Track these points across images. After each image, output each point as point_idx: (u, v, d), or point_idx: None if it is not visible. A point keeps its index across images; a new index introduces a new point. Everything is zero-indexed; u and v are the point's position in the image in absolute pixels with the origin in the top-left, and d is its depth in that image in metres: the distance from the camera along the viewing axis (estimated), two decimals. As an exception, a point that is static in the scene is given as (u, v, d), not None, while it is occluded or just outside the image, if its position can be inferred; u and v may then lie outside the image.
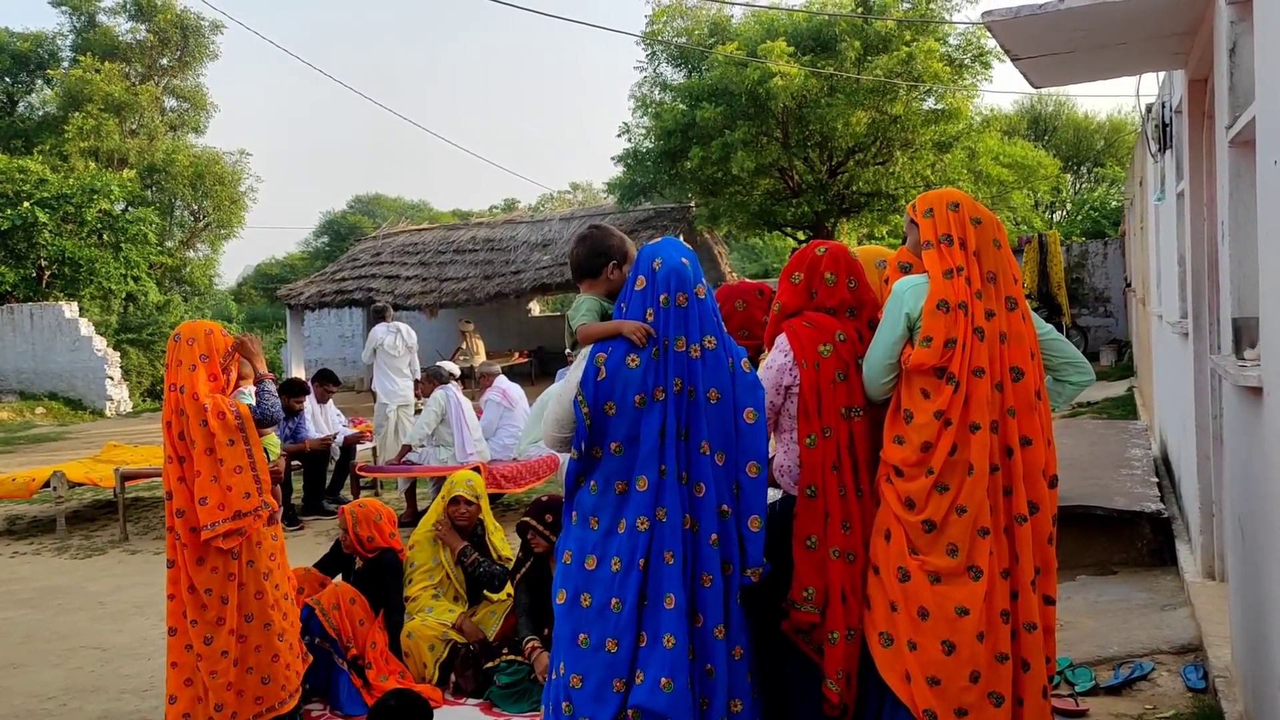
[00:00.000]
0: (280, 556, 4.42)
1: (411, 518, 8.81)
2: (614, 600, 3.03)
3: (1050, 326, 3.40)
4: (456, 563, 5.17)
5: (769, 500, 3.31)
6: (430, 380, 9.16)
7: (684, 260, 3.17)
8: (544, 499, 4.98)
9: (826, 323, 3.29)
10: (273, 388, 4.46)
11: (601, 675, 3.02)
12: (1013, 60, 5.28)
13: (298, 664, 4.40)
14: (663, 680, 2.96)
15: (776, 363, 3.30)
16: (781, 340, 3.32)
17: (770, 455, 3.41)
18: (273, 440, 4.59)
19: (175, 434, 4.17)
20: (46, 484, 9.22)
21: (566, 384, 3.20)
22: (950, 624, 2.99)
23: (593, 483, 3.13)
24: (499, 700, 4.63)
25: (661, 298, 3.11)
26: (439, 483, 9.09)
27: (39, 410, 21.08)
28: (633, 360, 3.07)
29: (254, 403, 4.33)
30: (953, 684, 2.97)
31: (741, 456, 3.08)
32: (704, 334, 3.11)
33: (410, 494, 9.17)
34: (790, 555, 3.21)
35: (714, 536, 3.03)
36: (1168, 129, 6.35)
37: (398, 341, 11.22)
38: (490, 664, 4.81)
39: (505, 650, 4.82)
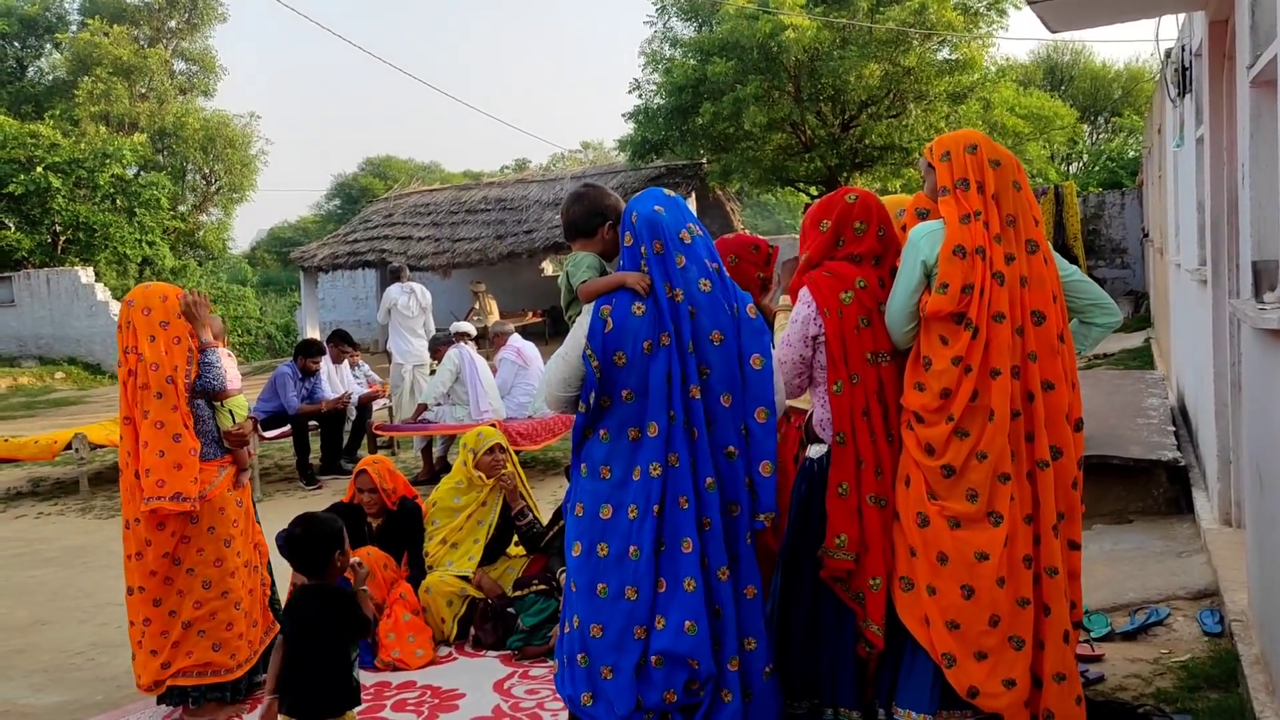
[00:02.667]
0: (244, 523, 4.36)
1: (428, 476, 8.88)
2: (632, 548, 3.06)
3: (1074, 268, 3.33)
4: (514, 522, 5.19)
5: (816, 455, 3.31)
6: (440, 345, 9.21)
7: (657, 208, 3.16)
8: None
9: (846, 271, 3.27)
10: (215, 358, 4.22)
11: (622, 623, 3.06)
12: (1030, 4, 5.21)
13: (253, 634, 4.32)
14: (686, 624, 2.99)
15: (800, 314, 3.28)
16: (803, 292, 3.30)
17: (808, 411, 3.42)
18: (240, 402, 4.48)
19: (130, 396, 4.12)
20: (68, 446, 9.33)
21: (571, 342, 3.20)
22: (969, 569, 2.98)
23: (603, 431, 3.14)
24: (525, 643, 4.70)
25: (642, 248, 3.13)
26: (448, 441, 9.17)
27: (59, 375, 21.25)
28: (638, 309, 3.09)
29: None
30: (972, 628, 2.98)
31: (749, 402, 3.08)
32: (699, 277, 3.10)
33: (426, 453, 9.23)
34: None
35: (709, 480, 3.04)
36: (1187, 73, 6.26)
37: (411, 302, 11.25)
38: (519, 593, 4.86)
39: (536, 581, 4.87)
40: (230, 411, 4.38)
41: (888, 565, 3.16)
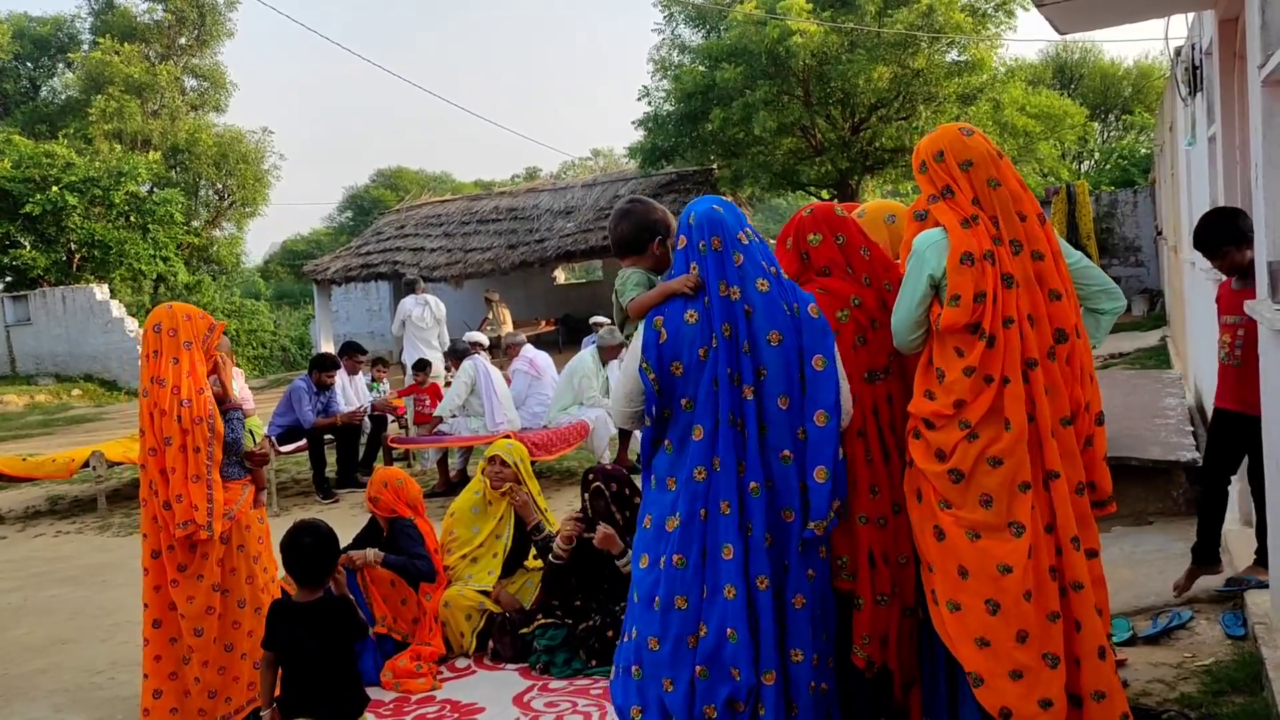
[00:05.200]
0: (266, 540, 4.38)
1: (444, 488, 8.90)
2: (676, 556, 3.02)
3: (1077, 254, 3.22)
4: (530, 536, 5.17)
5: None
6: (456, 357, 9.21)
7: (716, 208, 3.14)
8: (609, 467, 4.93)
9: (839, 288, 3.22)
10: (240, 416, 4.34)
11: (676, 633, 3.01)
12: (1038, 6, 5.20)
13: None
14: (728, 631, 2.95)
15: None
16: None
17: None
18: (254, 423, 4.53)
19: (158, 428, 4.09)
20: (86, 464, 9.38)
21: (630, 357, 3.18)
22: (993, 582, 2.86)
23: (667, 443, 3.10)
24: (547, 668, 4.66)
25: (699, 245, 3.08)
26: (466, 453, 9.18)
27: (75, 392, 21.37)
28: (691, 316, 3.05)
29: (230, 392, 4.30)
30: (1002, 645, 2.85)
31: (809, 405, 3.00)
32: (756, 277, 3.05)
33: (442, 465, 9.24)
34: None
35: (754, 485, 2.98)
36: (1198, 71, 6.23)
37: (426, 314, 11.29)
38: (525, 630, 4.85)
39: (540, 616, 4.86)
40: (250, 432, 4.43)
41: (876, 586, 3.11)
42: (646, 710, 3.05)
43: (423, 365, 10.39)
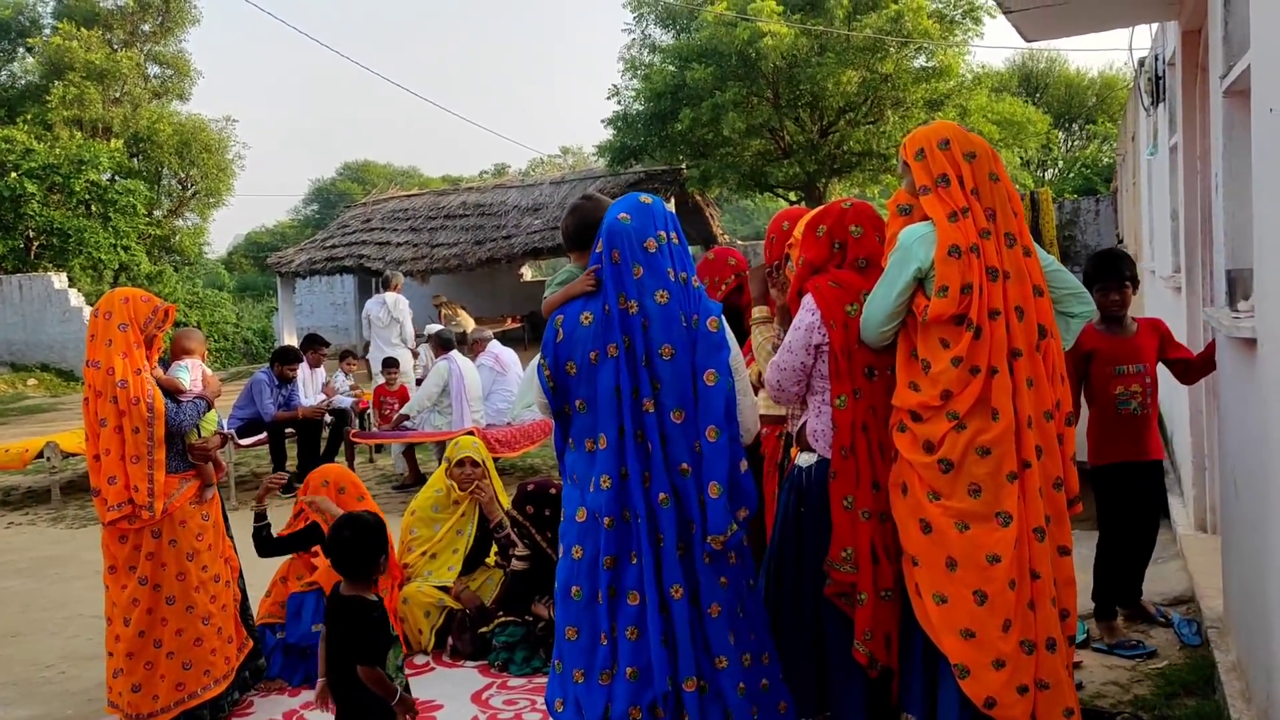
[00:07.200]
0: (210, 536, 4.27)
1: (414, 480, 8.83)
2: (604, 556, 3.05)
3: (1050, 257, 3.26)
4: (492, 534, 5.12)
5: (806, 464, 3.27)
6: (441, 345, 9.10)
7: (622, 216, 3.09)
8: (530, 487, 4.91)
9: (852, 281, 3.22)
10: (203, 406, 4.30)
11: (591, 627, 3.04)
12: (1005, 12, 5.24)
13: (227, 649, 4.24)
14: (629, 630, 2.97)
15: (804, 322, 3.21)
16: (808, 300, 3.23)
17: (802, 419, 3.34)
18: (209, 417, 4.43)
19: (92, 410, 4.06)
20: (40, 454, 9.21)
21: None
22: (981, 572, 2.87)
23: (570, 440, 3.17)
24: (506, 665, 4.64)
25: (606, 255, 3.07)
26: (440, 447, 9.10)
27: (31, 381, 21.00)
28: (586, 318, 3.06)
29: (181, 388, 4.26)
30: (988, 635, 2.86)
31: (701, 419, 2.98)
32: (656, 289, 3.02)
33: (410, 457, 9.17)
34: (828, 520, 3.15)
35: (663, 495, 2.97)
36: (1161, 82, 6.32)
37: (382, 312, 11.20)
38: (485, 629, 4.82)
39: (500, 613, 4.83)
40: (198, 427, 4.32)
41: (879, 582, 3.09)
42: (567, 703, 3.07)
43: (391, 363, 10.27)
